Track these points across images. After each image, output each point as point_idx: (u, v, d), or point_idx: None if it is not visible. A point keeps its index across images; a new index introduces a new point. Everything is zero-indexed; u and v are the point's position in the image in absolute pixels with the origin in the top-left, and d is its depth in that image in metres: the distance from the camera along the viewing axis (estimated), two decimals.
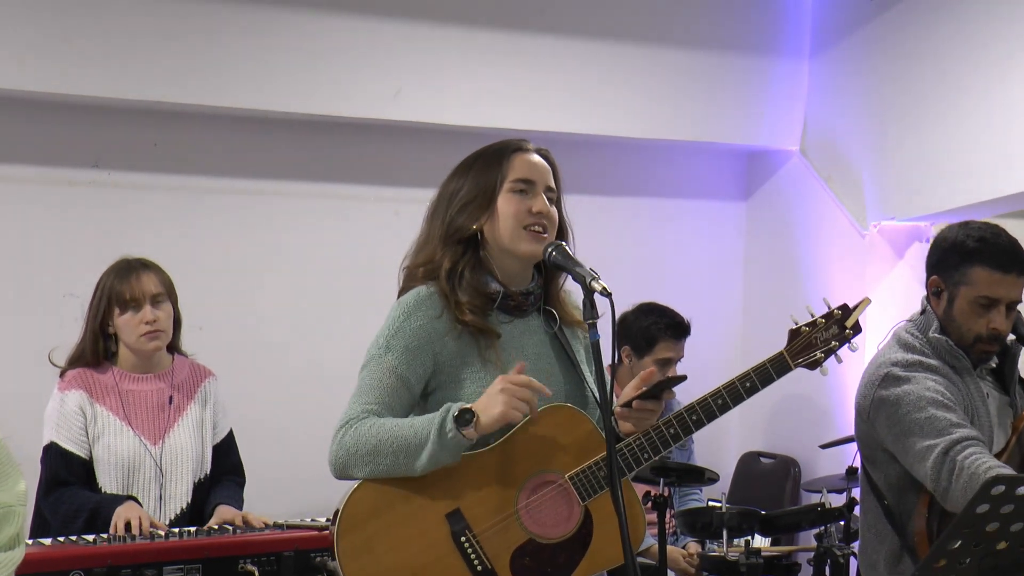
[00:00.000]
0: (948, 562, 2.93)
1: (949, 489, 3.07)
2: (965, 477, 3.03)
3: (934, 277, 3.37)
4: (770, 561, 4.59)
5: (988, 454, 3.08)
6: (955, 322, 3.32)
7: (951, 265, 3.32)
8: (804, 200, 6.07)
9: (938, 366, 3.28)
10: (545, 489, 2.75)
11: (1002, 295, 3.27)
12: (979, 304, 3.28)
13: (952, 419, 3.13)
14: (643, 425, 2.80)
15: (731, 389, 2.81)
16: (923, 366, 3.26)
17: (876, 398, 3.27)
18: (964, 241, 3.31)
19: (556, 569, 2.74)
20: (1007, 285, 3.27)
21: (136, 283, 3.79)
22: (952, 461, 3.07)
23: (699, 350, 5.32)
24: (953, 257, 3.32)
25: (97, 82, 4.89)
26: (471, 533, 2.70)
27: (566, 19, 5.61)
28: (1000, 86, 5.06)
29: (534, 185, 2.81)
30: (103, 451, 3.74)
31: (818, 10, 6.04)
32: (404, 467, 2.66)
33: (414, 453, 2.64)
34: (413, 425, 2.67)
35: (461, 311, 2.75)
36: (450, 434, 2.62)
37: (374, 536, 2.67)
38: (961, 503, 2.99)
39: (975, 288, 3.28)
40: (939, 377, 3.25)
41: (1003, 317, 3.29)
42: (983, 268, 3.27)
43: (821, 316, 2.92)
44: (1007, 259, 3.27)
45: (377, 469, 2.67)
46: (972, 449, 3.07)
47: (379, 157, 5.60)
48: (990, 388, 3.39)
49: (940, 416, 3.14)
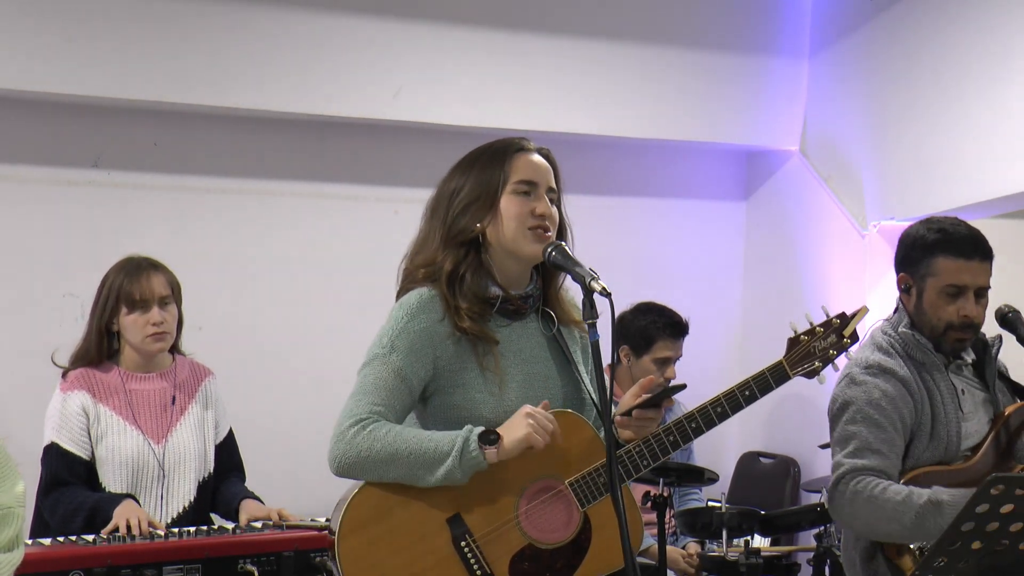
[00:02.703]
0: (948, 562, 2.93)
1: (837, 507, 3.29)
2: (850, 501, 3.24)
3: (902, 274, 3.46)
4: (770, 561, 4.59)
5: (881, 481, 3.23)
6: (926, 315, 3.40)
7: (915, 260, 3.42)
8: (804, 200, 6.07)
9: (896, 369, 3.36)
10: (545, 495, 2.75)
11: (968, 281, 3.36)
12: (946, 293, 3.37)
13: (870, 442, 3.28)
14: (643, 433, 2.81)
15: (730, 397, 2.82)
16: (881, 369, 3.36)
17: (836, 395, 3.41)
18: (925, 235, 3.41)
19: (555, 574, 2.75)
20: (971, 271, 3.36)
21: (146, 284, 3.79)
22: (844, 486, 3.26)
23: (698, 350, 5.32)
24: (916, 252, 3.42)
25: (97, 82, 4.89)
26: (471, 538, 2.70)
27: (566, 19, 5.61)
28: (999, 86, 5.06)
29: (537, 186, 2.81)
30: (107, 451, 3.74)
31: (817, 10, 6.04)
32: (414, 479, 2.67)
33: (430, 467, 2.65)
34: (433, 439, 2.67)
35: (460, 317, 2.75)
36: (473, 453, 2.63)
37: (375, 540, 2.67)
38: (845, 520, 3.29)
39: (940, 278, 3.37)
40: (894, 383, 3.33)
41: (973, 304, 3.37)
42: (945, 257, 3.36)
43: (819, 325, 2.94)
44: (968, 246, 3.36)
45: (386, 476, 2.68)
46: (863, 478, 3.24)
47: (379, 157, 5.60)
48: (967, 384, 3.46)
49: (864, 435, 3.29)
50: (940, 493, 3.16)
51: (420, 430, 2.72)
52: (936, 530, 3.05)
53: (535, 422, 2.65)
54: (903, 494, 3.18)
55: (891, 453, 3.29)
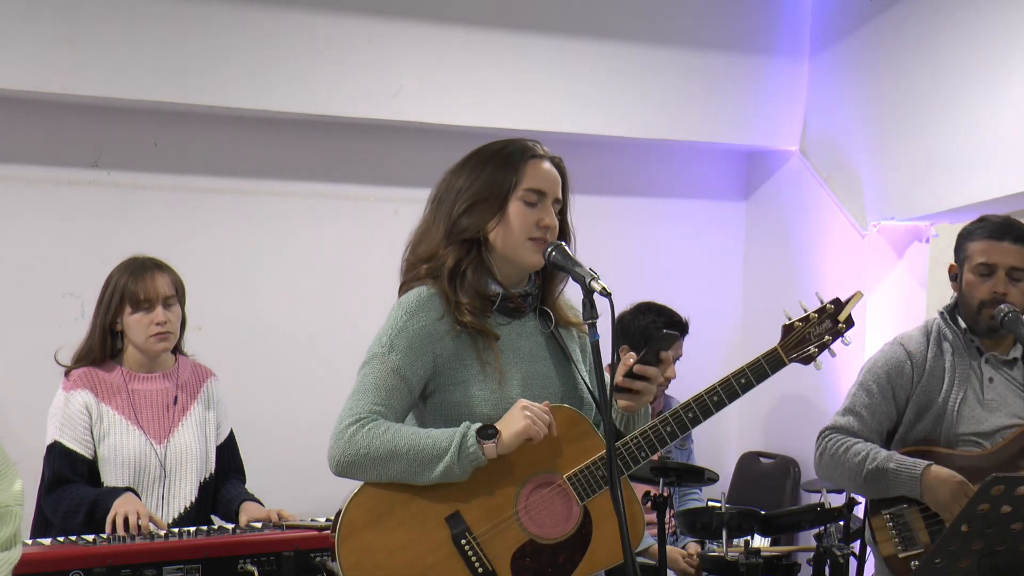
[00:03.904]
0: (948, 562, 2.93)
1: (815, 460, 3.72)
2: (819, 455, 3.69)
3: (952, 263, 3.75)
4: (770, 561, 4.59)
5: (847, 439, 3.63)
6: (964, 297, 3.66)
7: (958, 247, 3.72)
8: (804, 200, 6.07)
9: (908, 343, 3.70)
10: (544, 490, 2.75)
11: (998, 260, 3.61)
12: (979, 273, 3.62)
13: (855, 405, 3.68)
14: (642, 400, 2.81)
15: (726, 385, 2.82)
16: (899, 341, 3.72)
17: None
18: (967, 226, 3.74)
19: (556, 569, 2.74)
20: (1001, 251, 3.61)
21: (151, 284, 3.79)
22: (820, 441, 3.69)
23: (698, 350, 5.33)
24: (959, 240, 3.73)
25: (97, 82, 4.89)
26: (471, 535, 2.70)
27: (566, 19, 5.61)
28: (1000, 85, 5.06)
29: (545, 196, 2.81)
30: (109, 451, 3.74)
31: (817, 10, 6.04)
32: (414, 476, 2.67)
33: (429, 464, 2.65)
34: (431, 435, 2.67)
35: (461, 312, 2.76)
36: (471, 448, 2.63)
37: (375, 541, 2.67)
38: (819, 473, 3.73)
39: (972, 258, 3.64)
40: (900, 355, 3.67)
41: (1005, 284, 3.60)
42: (978, 240, 3.65)
43: (814, 311, 2.94)
44: (999, 228, 3.64)
45: (385, 474, 2.68)
46: (833, 435, 3.66)
47: (379, 157, 5.60)
48: (1003, 375, 3.67)
49: (855, 396, 3.70)
50: (889, 461, 3.53)
51: (418, 428, 2.72)
52: (881, 492, 3.57)
53: (532, 414, 2.66)
54: (860, 455, 3.58)
55: (871, 418, 3.66)
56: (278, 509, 3.72)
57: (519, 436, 2.65)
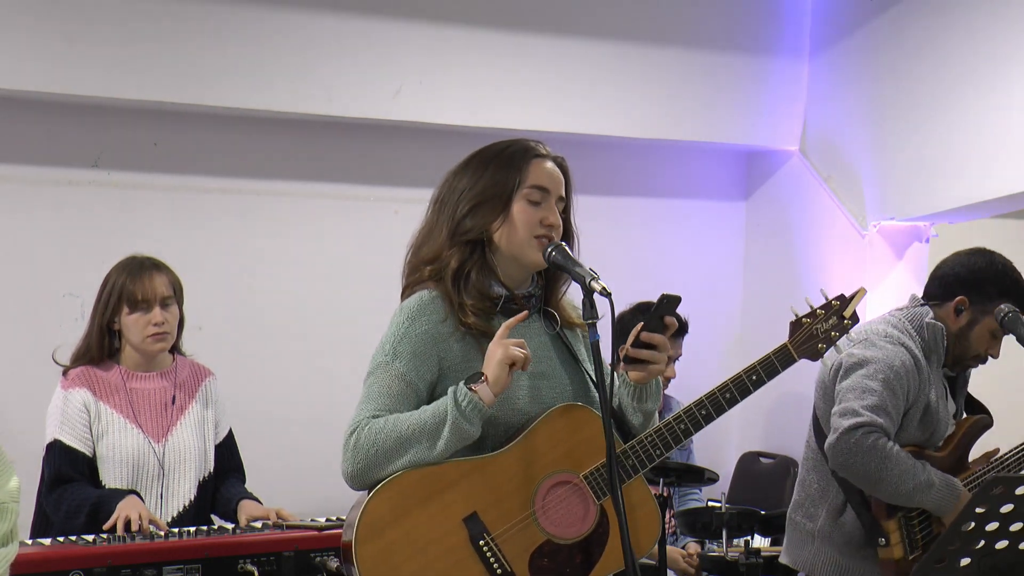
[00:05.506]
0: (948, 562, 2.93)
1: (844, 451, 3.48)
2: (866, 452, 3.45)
3: (962, 297, 3.67)
4: (770, 561, 4.59)
5: (895, 444, 3.49)
6: (966, 340, 3.69)
7: (986, 296, 3.65)
8: (804, 200, 6.07)
9: (912, 346, 3.63)
10: (561, 489, 2.75)
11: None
12: (995, 336, 3.67)
13: (887, 404, 3.52)
14: (652, 371, 2.81)
15: (738, 382, 2.83)
16: (900, 342, 3.62)
17: (851, 353, 3.63)
18: (1004, 279, 3.66)
19: (574, 569, 2.74)
20: None
21: (149, 284, 3.79)
22: (864, 437, 3.46)
23: (698, 350, 5.32)
24: (991, 289, 3.66)
25: (97, 82, 4.89)
26: (489, 536, 2.70)
27: (566, 19, 5.61)
28: (1000, 86, 5.06)
29: (548, 195, 2.81)
30: (107, 449, 3.74)
31: (818, 10, 6.04)
32: (428, 452, 2.65)
33: (435, 433, 2.64)
34: (426, 409, 2.67)
35: (465, 313, 2.75)
36: (465, 397, 2.62)
37: (393, 544, 2.66)
38: (851, 467, 3.47)
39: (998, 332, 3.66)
40: (909, 358, 3.59)
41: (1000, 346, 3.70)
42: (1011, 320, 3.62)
43: (820, 307, 2.96)
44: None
45: (401, 463, 2.66)
46: (881, 436, 3.48)
47: (379, 157, 5.60)
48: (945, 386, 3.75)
49: (883, 395, 3.52)
50: (933, 475, 3.49)
51: (412, 411, 2.71)
52: (921, 505, 3.50)
53: (504, 343, 2.64)
54: (910, 463, 3.47)
55: (897, 420, 3.57)
56: (277, 508, 3.72)
57: (501, 365, 2.63)
